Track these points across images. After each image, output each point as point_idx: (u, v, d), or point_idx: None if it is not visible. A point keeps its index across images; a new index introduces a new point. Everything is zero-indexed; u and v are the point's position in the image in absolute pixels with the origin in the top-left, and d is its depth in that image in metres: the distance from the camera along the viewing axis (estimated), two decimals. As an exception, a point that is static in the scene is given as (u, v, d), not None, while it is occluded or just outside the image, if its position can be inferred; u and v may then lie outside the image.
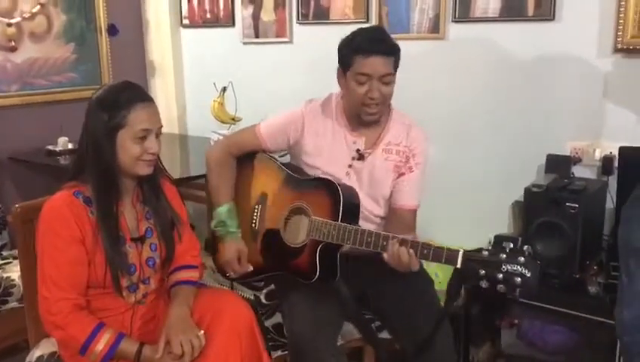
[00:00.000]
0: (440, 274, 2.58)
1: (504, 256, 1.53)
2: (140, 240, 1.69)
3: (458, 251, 1.59)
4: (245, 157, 2.10)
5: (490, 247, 1.58)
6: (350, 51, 1.89)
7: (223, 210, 2.01)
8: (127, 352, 1.56)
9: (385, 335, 2.03)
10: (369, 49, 1.85)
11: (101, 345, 1.54)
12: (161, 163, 1.75)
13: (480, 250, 1.58)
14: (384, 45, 1.88)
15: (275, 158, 2.09)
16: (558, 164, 2.51)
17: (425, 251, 1.64)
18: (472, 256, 1.58)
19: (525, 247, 1.54)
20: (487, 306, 2.49)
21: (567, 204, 2.21)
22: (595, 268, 2.28)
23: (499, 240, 1.67)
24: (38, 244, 1.60)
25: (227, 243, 2.00)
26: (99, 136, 1.58)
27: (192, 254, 1.84)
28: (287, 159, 2.14)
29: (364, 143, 1.99)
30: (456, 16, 2.75)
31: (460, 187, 2.85)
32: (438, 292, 2.04)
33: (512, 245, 1.56)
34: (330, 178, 1.91)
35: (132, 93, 1.62)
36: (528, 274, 1.51)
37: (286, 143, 2.05)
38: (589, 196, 2.27)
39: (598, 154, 2.48)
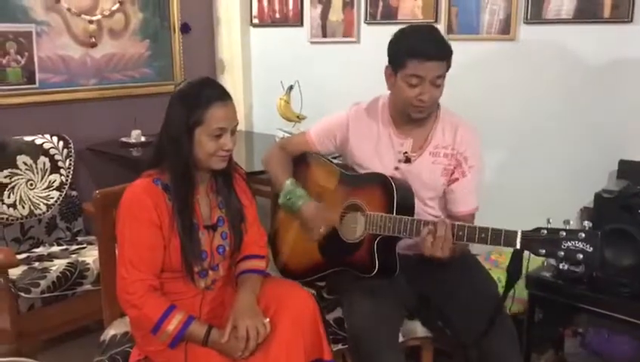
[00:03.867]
0: (502, 280, 2.54)
1: (564, 233, 1.51)
2: (212, 228, 1.76)
3: (516, 231, 1.58)
4: (299, 159, 2.14)
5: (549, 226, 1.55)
6: (403, 53, 1.83)
7: (287, 182, 2.02)
8: (196, 334, 1.61)
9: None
10: (424, 54, 1.79)
11: (173, 325, 1.59)
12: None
13: (538, 229, 1.56)
14: (439, 49, 1.82)
15: (327, 158, 2.13)
16: (631, 171, 2.43)
17: (482, 234, 1.64)
18: (530, 235, 1.57)
19: (585, 223, 1.51)
20: (550, 313, 2.44)
21: (640, 211, 2.14)
22: (667, 278, 2.19)
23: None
24: (118, 228, 1.68)
25: (304, 207, 1.97)
26: (178, 130, 1.65)
27: (259, 245, 1.89)
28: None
29: (411, 146, 1.98)
30: (528, 17, 2.70)
31: (527, 190, 2.80)
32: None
33: (571, 222, 1.53)
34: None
35: (211, 91, 1.68)
36: (590, 249, 1.47)
37: (333, 145, 2.11)
38: (663, 204, 2.19)
39: (675, 162, 2.39)
